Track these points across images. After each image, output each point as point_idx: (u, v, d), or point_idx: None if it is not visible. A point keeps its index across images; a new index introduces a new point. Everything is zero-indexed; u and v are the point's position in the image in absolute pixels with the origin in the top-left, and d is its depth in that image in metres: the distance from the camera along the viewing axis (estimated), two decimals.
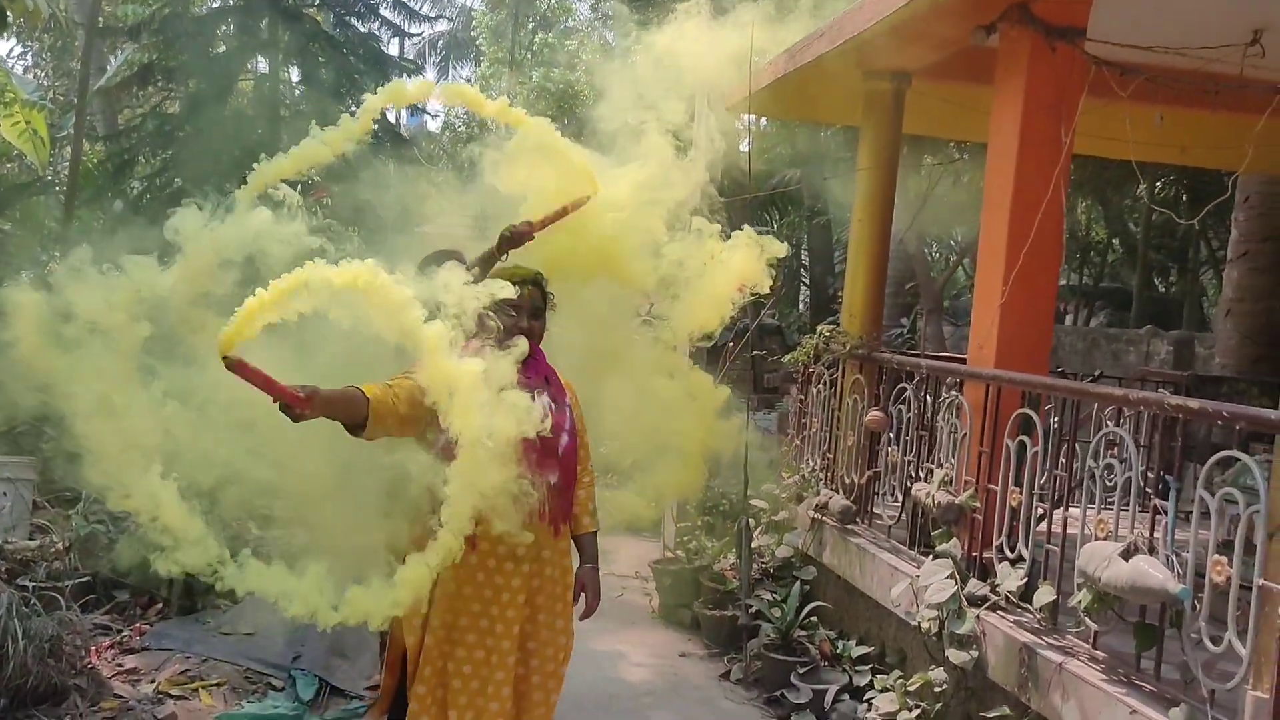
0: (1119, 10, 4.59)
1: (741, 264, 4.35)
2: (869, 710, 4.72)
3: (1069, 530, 3.86)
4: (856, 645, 5.30)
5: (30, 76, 17.04)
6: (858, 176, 6.22)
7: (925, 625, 4.27)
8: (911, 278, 12.97)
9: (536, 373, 3.47)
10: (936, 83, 6.16)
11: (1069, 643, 3.77)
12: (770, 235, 4.57)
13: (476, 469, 2.92)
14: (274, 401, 2.68)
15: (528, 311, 3.43)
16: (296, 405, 2.67)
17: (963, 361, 5.04)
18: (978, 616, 4.09)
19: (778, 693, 5.11)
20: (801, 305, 20.81)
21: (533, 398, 3.34)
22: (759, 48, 6.06)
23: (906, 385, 5.17)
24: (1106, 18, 4.51)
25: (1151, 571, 3.18)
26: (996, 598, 4.15)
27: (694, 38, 6.99)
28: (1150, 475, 3.70)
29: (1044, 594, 3.86)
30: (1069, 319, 19.01)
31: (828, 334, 5.92)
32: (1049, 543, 3.96)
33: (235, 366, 2.60)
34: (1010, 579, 4.07)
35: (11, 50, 20.18)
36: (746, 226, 4.65)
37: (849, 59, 5.89)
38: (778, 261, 4.55)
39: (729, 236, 4.56)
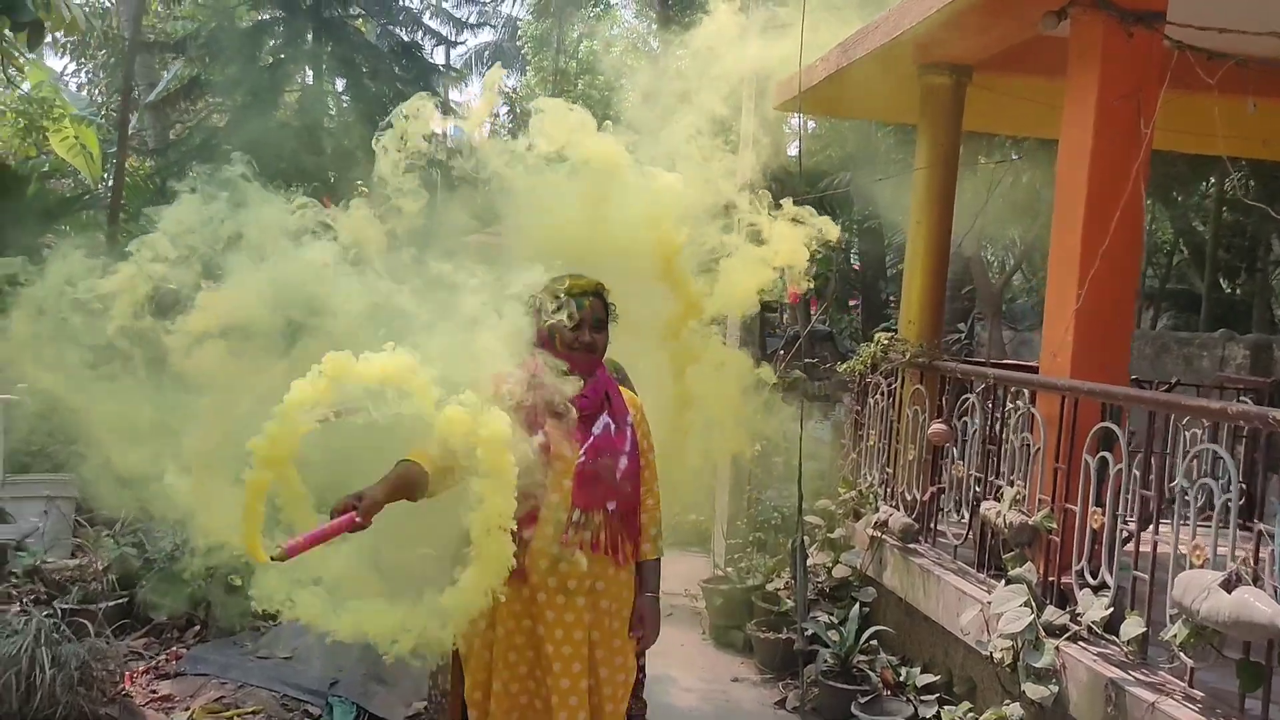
0: None
1: (784, 237, 4.01)
2: None
3: (1155, 554, 3.54)
4: (921, 673, 5.00)
5: (83, 93, 17.22)
6: (915, 177, 5.92)
7: (998, 656, 3.97)
8: (968, 281, 12.57)
9: (595, 392, 3.24)
10: (999, 76, 5.86)
11: (1161, 679, 3.45)
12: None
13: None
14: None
15: (590, 325, 3.20)
16: (356, 528, 2.62)
17: (1029, 369, 4.73)
18: (1057, 648, 3.79)
19: None
20: (853, 311, 20.43)
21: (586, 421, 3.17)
22: (809, 43, 5.81)
23: (971, 395, 4.87)
24: (1189, 2, 4.19)
25: (1258, 605, 2.87)
26: (1078, 628, 3.84)
27: (739, 38, 6.77)
28: (1245, 494, 3.39)
29: (1132, 625, 3.54)
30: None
31: (885, 342, 5.63)
32: (1136, 568, 3.64)
33: (285, 557, 2.50)
34: (1094, 608, 3.76)
35: (66, 68, 20.48)
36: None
37: (905, 52, 5.60)
38: (829, 268, 4.35)
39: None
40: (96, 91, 20.97)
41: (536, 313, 3.29)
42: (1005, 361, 6.57)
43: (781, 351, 8.36)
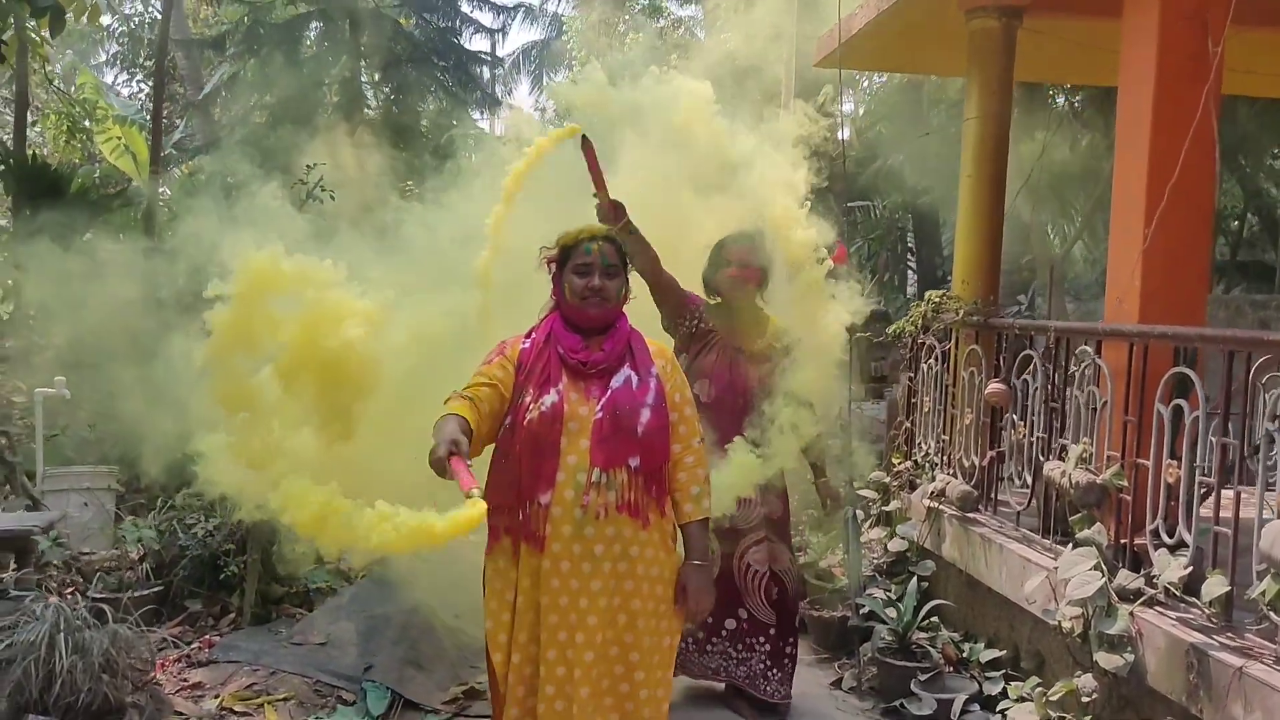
0: None
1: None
2: None
3: (1241, 511, 3.22)
4: (985, 648, 4.70)
5: (129, 98, 17.44)
6: (964, 128, 5.60)
7: (1067, 625, 3.67)
8: (1028, 252, 12.14)
9: (615, 343, 3.03)
10: (1051, 18, 5.52)
11: (1249, 643, 3.13)
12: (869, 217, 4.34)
13: None
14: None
15: (601, 270, 3.00)
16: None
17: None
18: (1131, 614, 3.48)
19: (896, 703, 4.53)
20: (909, 290, 19.97)
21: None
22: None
23: (1032, 353, 4.55)
24: None
25: None
26: (1154, 591, 3.53)
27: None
28: None
29: (1214, 585, 3.23)
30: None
31: (937, 299, 5.32)
32: (1217, 525, 3.32)
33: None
34: (1171, 569, 3.44)
35: (118, 76, 20.80)
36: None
37: None
38: (880, 243, 4.25)
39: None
40: (148, 100, 21.31)
41: (549, 264, 3.13)
42: (1084, 324, 6.19)
43: None
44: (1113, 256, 4.11)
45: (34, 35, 6.57)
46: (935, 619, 5.03)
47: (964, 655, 4.73)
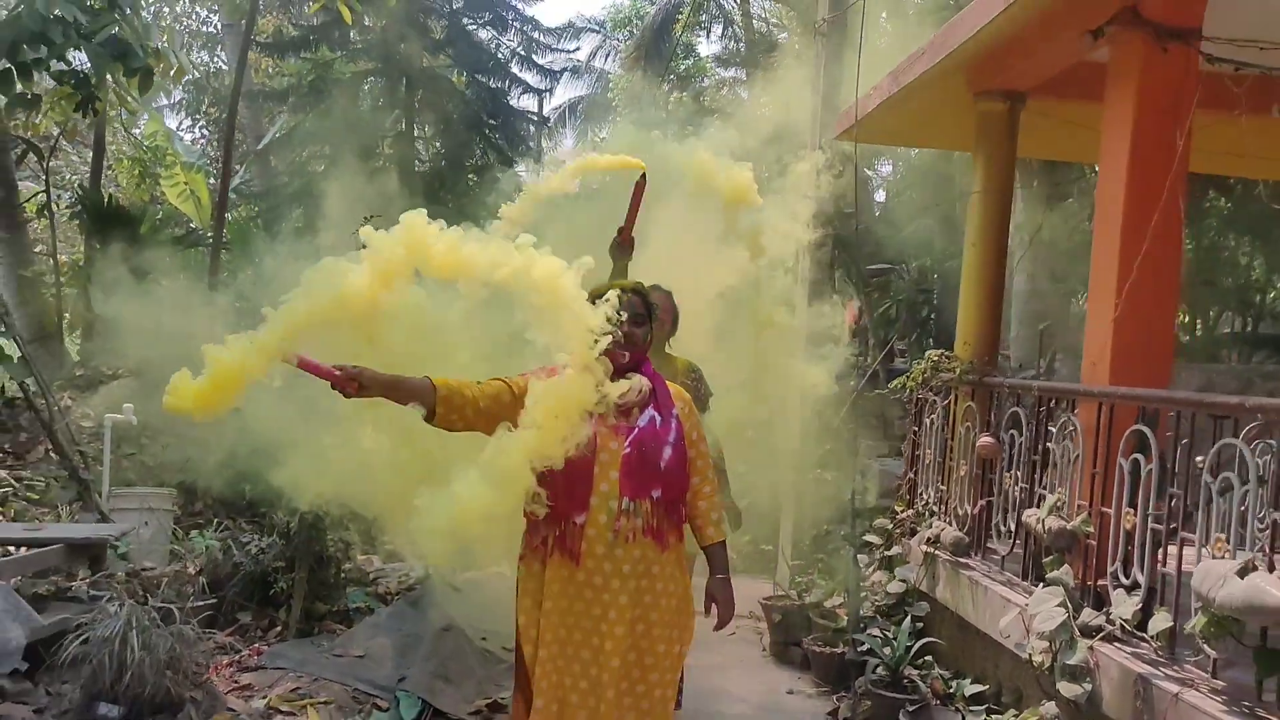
0: (1236, 8, 4.37)
1: None
2: None
3: (1192, 554, 3.59)
4: (970, 684, 5.04)
5: (196, 146, 18.31)
6: (970, 201, 6.04)
7: (1038, 659, 4.03)
8: (1046, 317, 12.48)
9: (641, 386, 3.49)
10: (1054, 102, 5.96)
11: (1188, 673, 3.49)
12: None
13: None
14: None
15: (630, 319, 3.46)
16: (340, 383, 3.00)
17: None
18: (1091, 647, 3.84)
19: None
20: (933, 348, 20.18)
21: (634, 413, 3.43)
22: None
23: (1019, 410, 4.95)
24: (1223, 17, 4.30)
25: (1269, 589, 2.93)
26: (1112, 627, 3.89)
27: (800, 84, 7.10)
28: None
29: (1160, 620, 3.60)
30: (1234, 361, 17.87)
31: (935, 359, 5.73)
32: (1164, 566, 3.69)
33: (296, 363, 2.94)
34: (1125, 606, 3.81)
35: (181, 124, 21.76)
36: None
37: (958, 79, 5.77)
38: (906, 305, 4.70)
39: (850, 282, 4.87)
40: (209, 145, 22.27)
41: None
42: (1061, 384, 6.55)
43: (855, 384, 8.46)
44: (1089, 324, 4.51)
45: (125, 95, 7.20)
46: (929, 658, 5.38)
47: (950, 690, 5.07)
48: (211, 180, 12.43)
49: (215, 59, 21.31)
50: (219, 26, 19.39)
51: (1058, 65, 5.29)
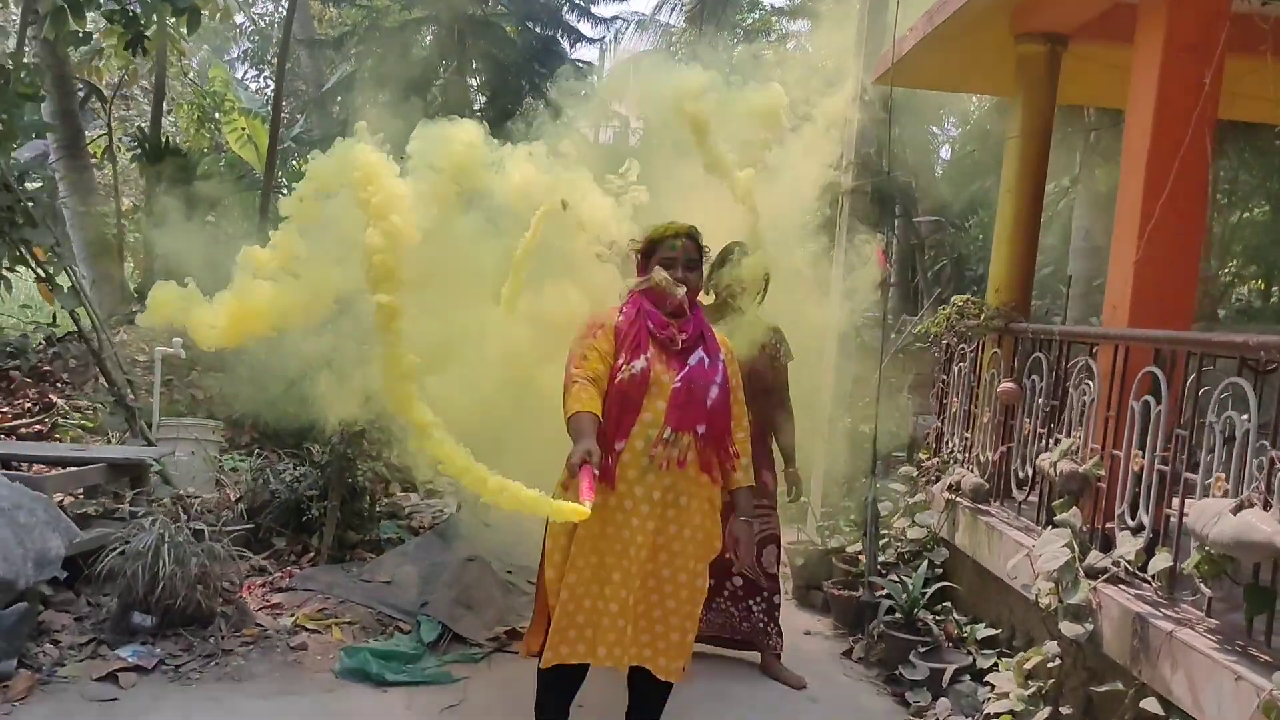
0: None
1: None
2: (988, 690, 4.50)
3: (1183, 492, 3.57)
4: (985, 628, 5.05)
5: (259, 94, 18.62)
6: (1006, 145, 5.95)
7: (1044, 600, 4.04)
8: (1101, 274, 12.20)
9: (694, 327, 3.58)
10: (1096, 45, 5.81)
11: (1183, 612, 3.48)
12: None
13: None
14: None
15: (682, 263, 3.56)
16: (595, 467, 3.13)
17: None
18: (1094, 588, 3.84)
19: (896, 670, 4.94)
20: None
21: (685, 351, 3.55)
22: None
23: (1041, 355, 4.91)
24: None
25: (1258, 525, 2.91)
26: (1116, 569, 3.88)
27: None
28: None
29: (1159, 561, 3.58)
30: None
31: (960, 305, 5.69)
32: (1168, 507, 3.66)
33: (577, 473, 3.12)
34: (1127, 546, 3.79)
35: (246, 72, 22.10)
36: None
37: (997, 19, 5.66)
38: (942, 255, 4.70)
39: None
40: (270, 92, 22.59)
41: (636, 254, 3.69)
42: (1080, 328, 6.43)
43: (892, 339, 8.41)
44: (1112, 267, 4.45)
45: (173, 32, 7.36)
46: (948, 603, 5.40)
47: (964, 634, 5.09)
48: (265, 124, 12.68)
49: (280, 7, 21.55)
50: None
51: (1098, 6, 5.18)
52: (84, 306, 6.24)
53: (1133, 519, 3.85)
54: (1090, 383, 4.33)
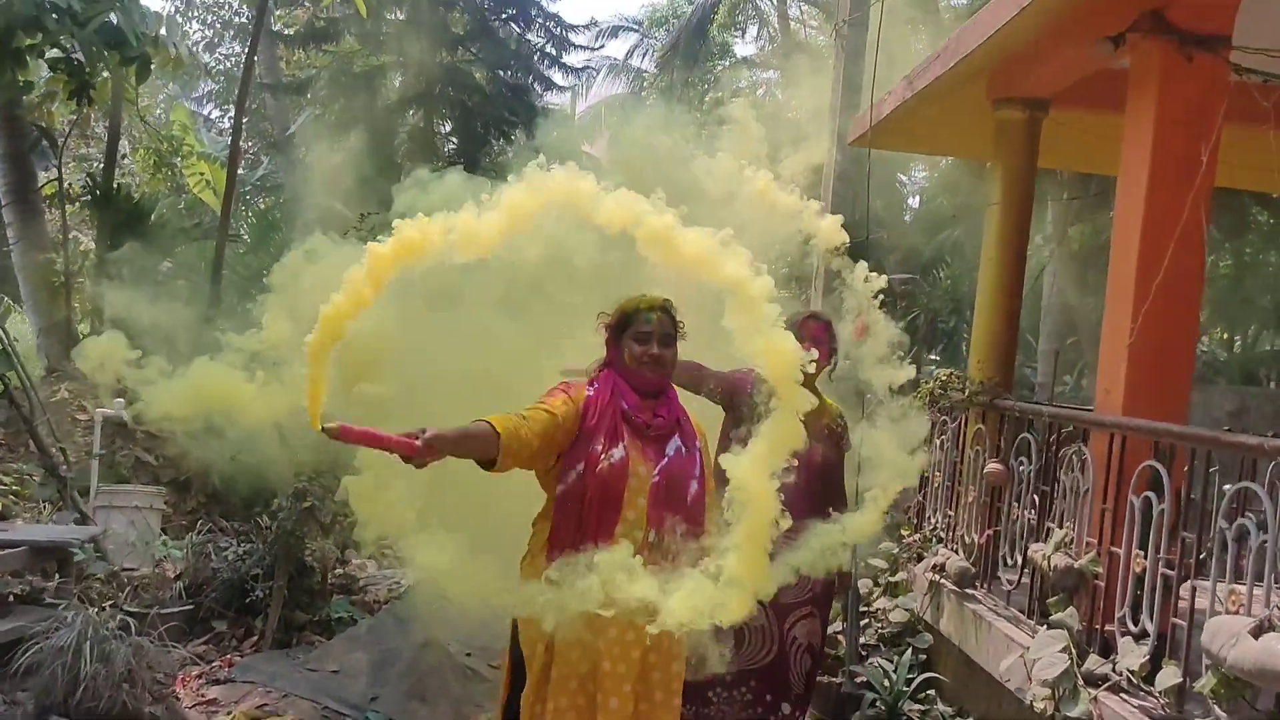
0: (1271, 17, 4.07)
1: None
2: None
3: (1194, 601, 3.32)
4: None
5: (219, 134, 18.31)
6: (987, 213, 5.77)
7: (1039, 705, 3.76)
8: (1075, 331, 12.13)
9: (670, 413, 3.27)
10: (1077, 111, 5.66)
11: None
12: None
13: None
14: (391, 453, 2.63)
15: (658, 339, 3.23)
16: (416, 454, 2.63)
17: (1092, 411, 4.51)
18: (1094, 698, 3.57)
19: None
20: (963, 363, 19.85)
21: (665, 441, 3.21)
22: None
23: (1029, 436, 4.67)
24: (1255, 26, 4.00)
25: None
26: (1118, 678, 3.61)
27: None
28: None
29: (1168, 675, 3.32)
30: (1271, 384, 17.39)
31: (944, 378, 5.46)
32: (1175, 615, 3.41)
33: (338, 434, 2.56)
34: (1132, 656, 3.54)
35: (211, 112, 21.79)
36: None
37: (975, 85, 5.50)
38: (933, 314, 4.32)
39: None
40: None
41: (607, 329, 3.34)
42: (1075, 406, 6.25)
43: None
44: (1104, 348, 4.24)
45: (125, 84, 7.07)
46: (933, 693, 5.12)
47: None
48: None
49: (246, 50, 21.31)
50: (250, 18, 19.37)
51: (1078, 72, 5.01)
52: (14, 370, 5.86)
53: (1135, 624, 3.60)
54: (1083, 471, 4.09)
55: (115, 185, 9.98)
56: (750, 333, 2.80)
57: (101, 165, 11.56)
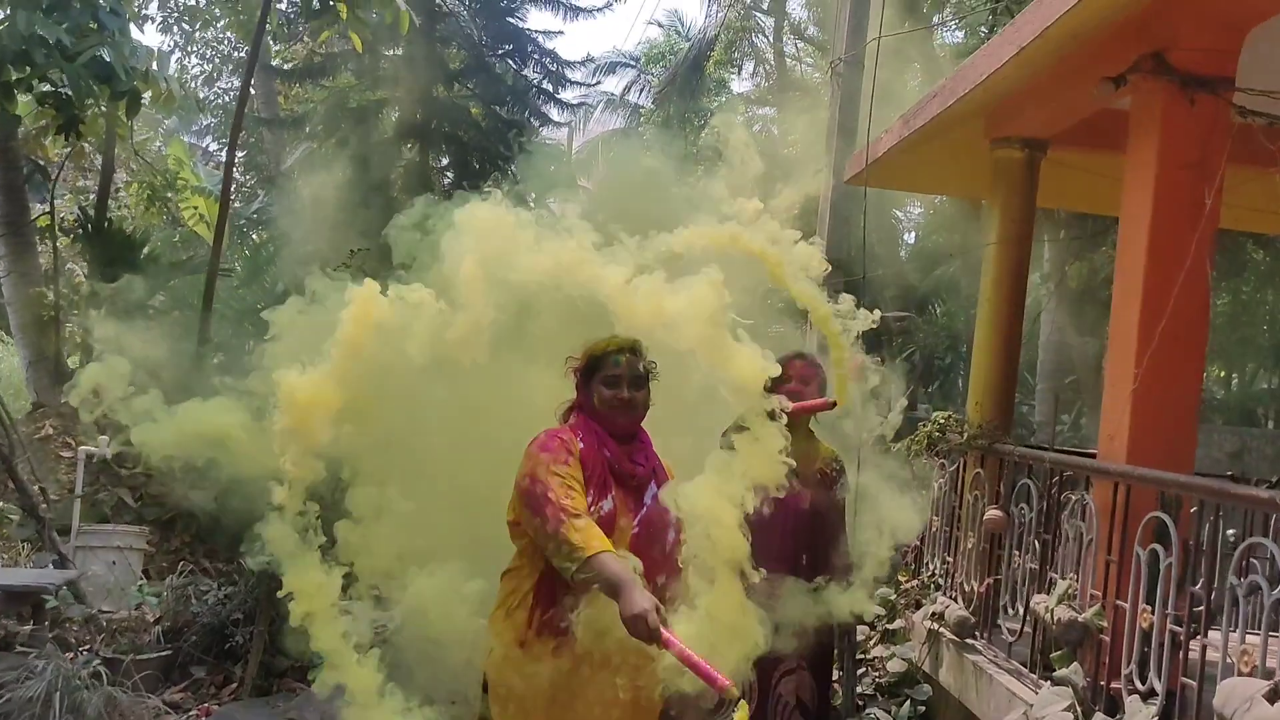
0: (1275, 59, 4.01)
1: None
2: None
3: (1204, 659, 3.20)
4: None
5: (216, 167, 18.27)
6: (985, 252, 5.68)
7: None
8: (1072, 370, 12.03)
9: (647, 459, 3.16)
10: (1076, 151, 5.60)
11: None
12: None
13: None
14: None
15: (628, 382, 3.11)
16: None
17: (1094, 456, 4.40)
18: None
19: None
20: (960, 400, 19.76)
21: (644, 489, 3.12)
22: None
23: (1029, 482, 4.56)
24: (1259, 68, 3.94)
25: None
26: None
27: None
28: None
29: None
30: (1269, 424, 17.32)
31: (942, 421, 5.35)
32: (1184, 674, 3.29)
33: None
34: (1140, 716, 3.40)
35: (209, 145, 21.78)
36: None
37: (973, 125, 5.44)
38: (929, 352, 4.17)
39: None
40: (237, 171, 22.29)
41: (575, 373, 3.22)
42: (1078, 450, 6.13)
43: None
44: (1107, 393, 4.13)
45: (115, 118, 7.01)
46: None
47: None
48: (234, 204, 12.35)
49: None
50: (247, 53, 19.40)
51: (1078, 113, 4.94)
52: None
53: (1143, 682, 3.47)
54: (1086, 520, 3.98)
55: (108, 219, 9.90)
56: (715, 351, 2.77)
57: (90, 200, 11.55)
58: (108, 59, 5.91)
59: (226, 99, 20.96)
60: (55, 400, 9.29)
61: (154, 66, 6.37)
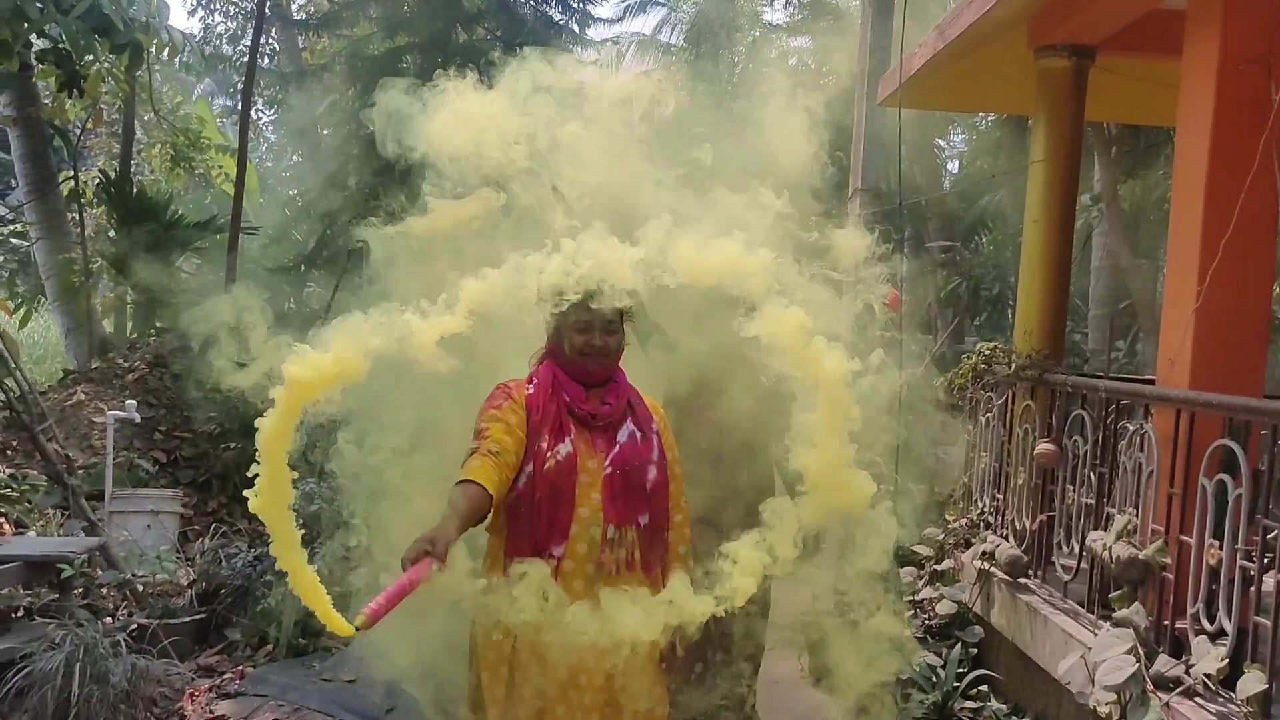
0: None
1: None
2: None
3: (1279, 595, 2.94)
4: None
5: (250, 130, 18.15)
6: (1030, 170, 5.34)
7: (1103, 711, 3.41)
8: (1127, 295, 11.56)
9: (618, 398, 2.97)
10: (1127, 57, 5.24)
11: None
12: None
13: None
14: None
15: (600, 328, 2.92)
16: (435, 565, 2.39)
17: (1153, 383, 4.12)
18: (1167, 704, 3.21)
19: None
20: (1009, 331, 19.32)
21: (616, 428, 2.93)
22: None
23: (1083, 412, 4.28)
24: None
25: None
26: (1192, 681, 3.24)
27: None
28: None
29: (1251, 681, 2.95)
30: None
31: (988, 352, 5.07)
32: (1256, 612, 3.03)
33: (371, 623, 2.29)
34: (1208, 660, 3.16)
35: (236, 104, 21.66)
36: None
37: (1014, 32, 5.08)
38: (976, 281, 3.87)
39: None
40: (262, 125, 22.22)
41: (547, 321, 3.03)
42: (1134, 376, 5.83)
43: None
44: (1166, 314, 3.84)
45: (116, 71, 6.83)
46: (985, 688, 4.77)
47: None
48: (257, 163, 12.22)
49: (270, 40, 21.13)
50: (270, 9, 19.14)
51: (1129, 14, 4.59)
52: (13, 375, 5.65)
53: (1211, 622, 3.22)
54: (1146, 451, 3.71)
55: (131, 181, 9.79)
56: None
57: (113, 162, 11.46)
58: (105, 11, 5.71)
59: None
60: (87, 366, 9.27)
61: (154, 17, 6.17)
